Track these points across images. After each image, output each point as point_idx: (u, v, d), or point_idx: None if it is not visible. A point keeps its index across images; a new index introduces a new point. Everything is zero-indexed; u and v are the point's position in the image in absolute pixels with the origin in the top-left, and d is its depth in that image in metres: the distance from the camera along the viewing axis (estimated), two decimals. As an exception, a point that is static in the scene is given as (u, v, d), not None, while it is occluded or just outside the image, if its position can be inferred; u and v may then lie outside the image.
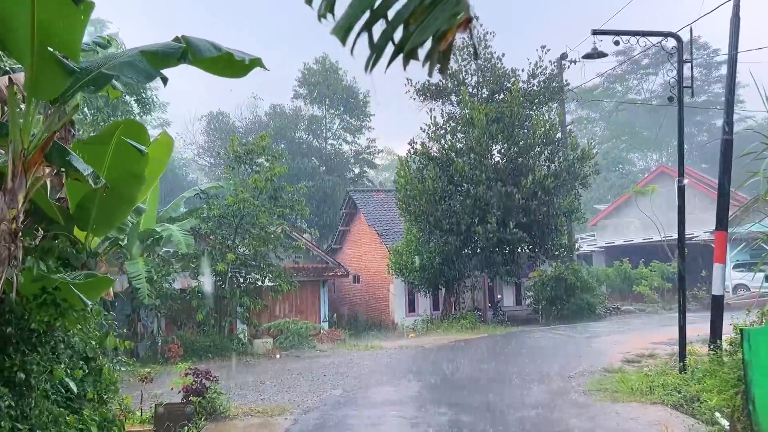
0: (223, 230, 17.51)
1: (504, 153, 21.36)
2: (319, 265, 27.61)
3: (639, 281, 29.58)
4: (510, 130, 21.29)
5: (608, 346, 15.49)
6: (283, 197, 17.36)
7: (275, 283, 17.46)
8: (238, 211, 16.55)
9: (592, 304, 24.39)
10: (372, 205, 31.43)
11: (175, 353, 15.40)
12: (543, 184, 20.70)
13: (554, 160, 22.15)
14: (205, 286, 16.71)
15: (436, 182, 21.66)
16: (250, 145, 17.08)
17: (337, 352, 16.54)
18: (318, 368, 13.05)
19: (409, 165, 23.23)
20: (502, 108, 21.68)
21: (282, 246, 17.64)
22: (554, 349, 15.38)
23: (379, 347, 16.75)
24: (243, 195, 16.22)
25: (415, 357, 14.57)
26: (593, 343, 16.32)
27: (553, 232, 21.73)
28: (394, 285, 27.16)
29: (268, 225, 17.14)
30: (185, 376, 7.78)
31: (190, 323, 17.72)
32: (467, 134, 22.03)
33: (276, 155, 17.35)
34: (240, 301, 16.64)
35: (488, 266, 22.68)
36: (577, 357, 13.85)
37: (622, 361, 12.99)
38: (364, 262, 31.13)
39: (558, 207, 21.26)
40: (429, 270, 23.52)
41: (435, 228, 22.23)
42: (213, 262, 16.68)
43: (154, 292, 15.03)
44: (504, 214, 20.99)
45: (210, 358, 15.79)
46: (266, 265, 17.75)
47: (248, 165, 17.20)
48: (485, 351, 15.27)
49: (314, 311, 27.54)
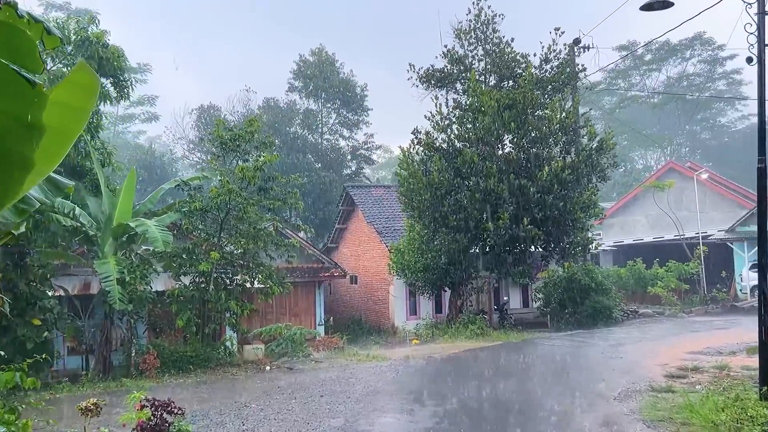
0: (207, 226, 15.67)
1: (517, 142, 19.54)
2: (314, 265, 26.00)
3: (654, 282, 27.87)
4: (523, 117, 19.49)
5: (640, 357, 13.73)
6: (274, 189, 15.50)
7: (265, 285, 15.61)
8: (224, 204, 14.70)
9: (608, 307, 22.63)
10: (371, 202, 29.63)
11: (151, 365, 13.55)
12: (560, 176, 18.92)
13: (570, 151, 20.36)
14: (186, 289, 14.86)
15: (442, 175, 19.86)
16: (237, 131, 15.22)
17: (335, 362, 14.70)
18: (313, 385, 11.20)
19: (412, 156, 21.41)
20: (513, 94, 19.89)
21: (273, 244, 15.78)
22: (581, 360, 13.61)
23: (381, 357, 14.91)
24: (229, 186, 14.37)
25: (426, 371, 12.74)
26: (621, 352, 14.55)
27: (570, 229, 19.93)
28: (394, 286, 25.39)
29: (258, 220, 15.29)
30: (140, 409, 5.95)
31: (171, 331, 15.87)
32: (476, 122, 20.23)
33: (267, 142, 15.48)
34: (226, 305, 14.79)
35: (498, 266, 20.88)
36: (611, 371, 12.08)
37: (665, 376, 11.22)
38: (363, 262, 29.33)
39: (575, 202, 19.47)
40: (434, 270, 21.73)
41: (441, 225, 20.42)
42: (195, 262, 14.83)
43: (126, 295, 13.17)
44: (517, 209, 19.19)
45: (191, 371, 13.95)
46: (256, 264, 15.91)
47: (235, 153, 15.33)
48: (505, 363, 13.46)
49: (309, 314, 25.95)
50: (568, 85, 21.32)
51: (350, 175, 46.37)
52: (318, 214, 41.46)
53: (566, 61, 21.97)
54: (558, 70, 21.79)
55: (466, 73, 22.93)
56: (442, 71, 23.31)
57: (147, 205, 16.11)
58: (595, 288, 22.93)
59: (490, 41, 23.06)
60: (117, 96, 17.91)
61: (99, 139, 16.98)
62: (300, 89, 46.42)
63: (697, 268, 26.26)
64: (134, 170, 15.77)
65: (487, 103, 19.29)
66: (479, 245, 20.94)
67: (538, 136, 19.64)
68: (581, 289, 22.44)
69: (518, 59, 22.71)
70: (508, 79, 22.75)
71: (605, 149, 19.96)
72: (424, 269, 21.82)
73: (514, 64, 22.62)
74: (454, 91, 24.00)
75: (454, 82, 23.68)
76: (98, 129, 17.21)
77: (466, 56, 23.21)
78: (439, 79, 23.39)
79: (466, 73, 22.96)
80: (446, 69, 23.35)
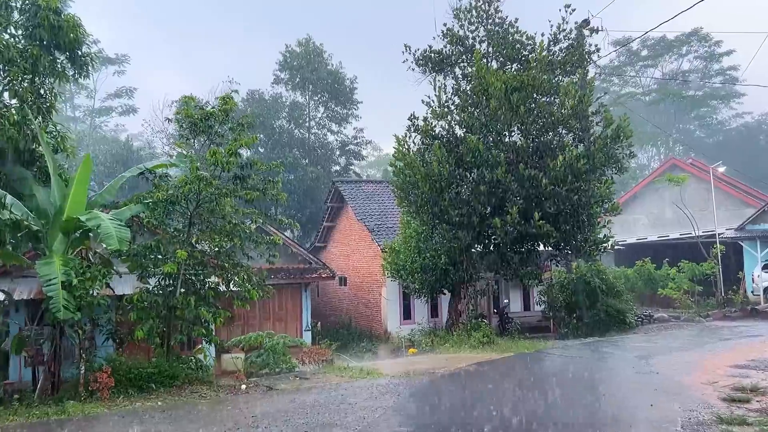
0: (175, 220, 13.49)
1: (527, 129, 17.48)
2: (300, 266, 24.04)
3: (664, 283, 26.03)
4: (533, 101, 17.48)
5: (679, 373, 11.76)
6: (253, 178, 13.35)
7: (243, 288, 13.45)
8: (193, 194, 12.53)
9: (621, 311, 20.71)
10: (361, 198, 27.54)
11: (104, 385, 11.35)
12: (574, 166, 16.93)
13: (584, 139, 18.38)
14: (148, 294, 12.66)
15: (442, 165, 17.78)
16: (209, 110, 13.05)
17: (323, 380, 12.55)
18: (295, 414, 9.04)
19: (408, 145, 19.34)
20: (522, 76, 17.87)
21: (252, 241, 13.61)
22: (613, 377, 11.61)
23: (377, 373, 12.77)
24: (197, 173, 12.20)
25: (433, 394, 10.62)
26: (653, 365, 12.56)
27: (584, 225, 17.93)
28: (387, 288, 23.34)
29: (233, 213, 13.13)
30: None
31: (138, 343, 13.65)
32: (480, 107, 18.20)
33: (244, 123, 13.31)
34: (195, 312, 12.61)
35: (504, 266, 18.87)
36: (653, 391, 10.09)
37: (723, 399, 9.25)
38: (352, 262, 27.24)
39: (591, 195, 17.50)
40: (432, 271, 19.66)
41: (440, 220, 18.36)
42: (159, 262, 12.66)
43: (73, 301, 10.98)
44: (527, 203, 17.19)
45: (152, 390, 11.77)
46: (231, 265, 13.75)
47: (207, 136, 13.16)
48: (526, 383, 11.40)
49: (295, 318, 23.98)
50: (581, 68, 19.31)
51: (339, 171, 44.28)
52: (305, 212, 39.32)
53: (578, 42, 19.97)
54: (569, 51, 19.80)
55: (467, 55, 20.90)
56: (440, 53, 21.23)
57: (104, 197, 13.89)
58: (607, 290, 21.03)
59: (492, 21, 21.05)
60: (75, 74, 15.60)
61: (52, 122, 14.77)
62: (286, 81, 44.26)
63: (714, 268, 24.37)
64: (89, 157, 13.55)
65: (493, 84, 17.26)
66: (483, 243, 18.91)
67: (549, 122, 17.63)
68: (591, 291, 20.52)
69: (524, 41, 20.71)
70: (514, 63, 20.75)
71: (622, 137, 17.99)
72: (421, 270, 19.77)
73: (520, 46, 20.61)
74: (453, 76, 21.96)
75: (454, 66, 21.63)
76: (51, 110, 14.97)
77: (466, 37, 21.17)
78: (437, 62, 21.31)
79: (467, 55, 20.94)
80: (445, 51, 21.28)
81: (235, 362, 17.89)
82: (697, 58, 65.54)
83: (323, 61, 43.38)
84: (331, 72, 43.24)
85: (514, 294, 25.85)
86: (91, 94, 49.17)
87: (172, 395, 11.43)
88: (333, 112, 44.48)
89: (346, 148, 45.79)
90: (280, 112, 42.62)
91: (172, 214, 13.31)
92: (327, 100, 43.95)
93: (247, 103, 41.39)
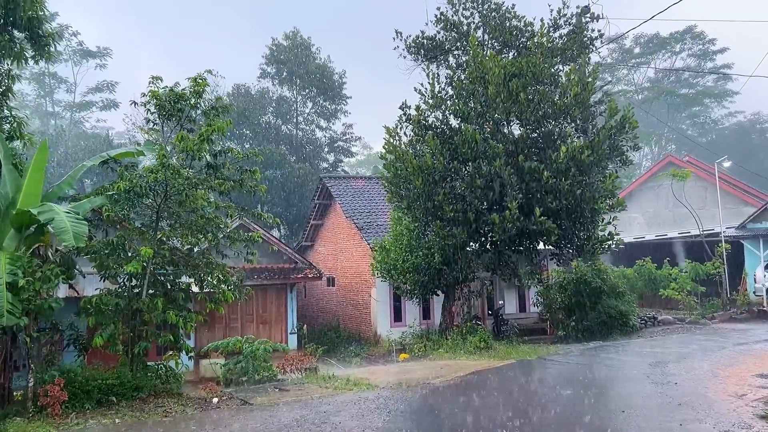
0: (141, 214, 12.16)
1: (527, 118, 16.27)
2: (285, 265, 22.78)
3: (666, 284, 24.92)
4: (534, 87, 16.29)
5: (701, 384, 10.60)
6: (228, 167, 12.04)
7: (216, 289, 12.12)
8: (160, 185, 11.21)
9: (623, 313, 19.54)
10: (350, 194, 26.25)
11: (55, 399, 10.01)
12: (577, 158, 15.76)
13: (587, 130, 17.22)
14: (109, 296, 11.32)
15: (436, 157, 16.57)
16: (179, 91, 11.72)
17: (306, 391, 11.27)
18: (272, 435, 7.80)
19: (399, 136, 18.09)
20: (520, 63, 16.68)
21: (227, 237, 12.29)
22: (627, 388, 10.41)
23: (364, 383, 11.49)
24: (163, 159, 10.87)
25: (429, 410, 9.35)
26: (670, 374, 11.40)
27: (588, 221, 16.76)
28: (377, 289, 22.09)
29: (205, 206, 11.80)
30: None
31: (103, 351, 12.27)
32: (476, 95, 16.99)
33: (218, 107, 12.00)
34: (163, 316, 11.30)
35: (502, 266, 17.68)
36: (677, 406, 8.91)
37: (760, 417, 8.09)
38: (341, 262, 25.96)
39: (595, 189, 16.33)
40: (424, 271, 18.43)
41: (434, 217, 17.13)
42: (121, 261, 11.32)
43: (18, 304, 9.63)
44: (527, 197, 16.00)
45: (112, 404, 10.44)
46: (205, 264, 12.43)
47: (177, 120, 11.83)
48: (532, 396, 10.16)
49: (280, 321, 22.77)
50: (582, 55, 18.16)
51: (328, 168, 42.94)
52: (292, 211, 37.96)
53: (579, 29, 18.83)
54: (570, 37, 18.66)
55: (462, 41, 19.72)
56: (433, 39, 20.06)
57: (63, 188, 12.53)
58: (608, 291, 19.86)
59: (489, 6, 19.89)
60: (36, 55, 14.18)
61: (8, 106, 13.38)
62: (273, 76, 42.87)
63: (719, 268, 23.28)
64: (45, 143, 12.20)
65: (491, 70, 16.06)
66: (480, 241, 17.71)
67: (550, 111, 16.44)
68: (592, 292, 19.35)
69: (521, 27, 19.56)
70: (511, 50, 19.60)
71: (628, 128, 16.85)
72: (413, 270, 18.53)
73: (518, 33, 19.47)
74: (447, 65, 20.77)
75: (448, 54, 20.46)
76: (8, 93, 13.58)
77: (461, 23, 20.00)
78: (430, 49, 20.15)
79: (462, 42, 19.76)
80: (438, 37, 20.10)
81: (214, 368, 16.63)
82: (690, 56, 64.83)
83: (311, 55, 42.05)
84: (319, 66, 41.90)
85: (509, 295, 24.67)
86: (71, 88, 47.54)
87: (133, 410, 10.11)
88: (321, 107, 43.16)
89: (335, 144, 44.48)
90: (266, 107, 41.23)
91: (139, 207, 11.96)
92: (315, 94, 42.62)
93: (233, 98, 39.97)
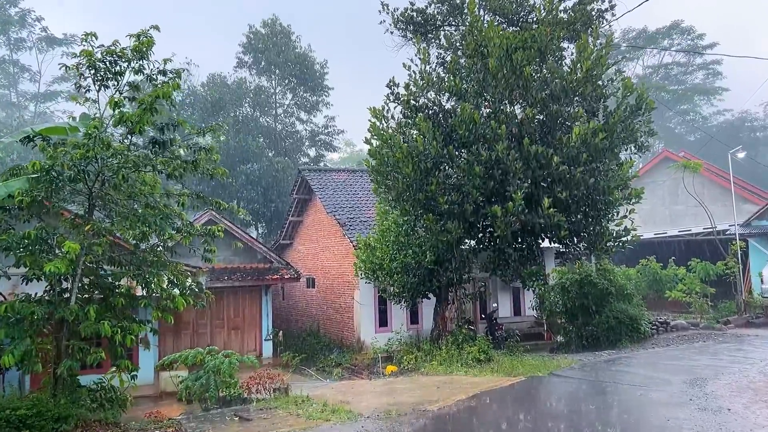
0: (69, 200, 9.88)
1: (532, 96, 14.19)
2: (260, 265, 20.77)
3: (672, 285, 23.09)
4: (539, 60, 14.24)
5: (756, 408, 8.60)
6: (179, 143, 9.79)
7: (164, 294, 9.86)
8: (91, 163, 8.95)
9: (633, 318, 17.60)
10: (332, 188, 24.06)
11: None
12: (590, 142, 13.73)
13: (598, 111, 15.21)
14: (24, 303, 9.01)
15: (429, 141, 14.44)
16: (116, 49, 9.43)
17: (272, 421, 9.04)
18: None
19: (386, 118, 15.92)
20: (525, 35, 14.61)
21: (176, 230, 10.06)
22: (672, 418, 8.33)
23: (344, 411, 9.27)
24: (92, 130, 8.61)
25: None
26: (714, 395, 9.40)
27: (601, 214, 14.75)
28: (360, 291, 19.94)
29: (149, 192, 9.55)
30: None
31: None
32: (474, 71, 14.90)
33: (166, 70, 9.72)
34: (94, 328, 9.05)
35: (502, 265, 15.60)
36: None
37: None
38: (321, 261, 23.75)
39: (609, 177, 14.31)
40: (414, 271, 16.31)
41: (425, 210, 14.97)
42: (40, 259, 9.02)
43: None
44: (533, 187, 13.93)
45: (24, 442, 8.16)
46: (152, 262, 10.17)
47: (115, 84, 9.56)
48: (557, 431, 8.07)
49: (254, 326, 20.74)
50: (591, 27, 16.14)
51: (308, 163, 40.65)
52: (270, 207, 35.63)
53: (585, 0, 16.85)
54: (576, 10, 16.65)
55: (456, 14, 17.64)
56: (423, 12, 17.94)
57: (-27, 170, 10.20)
58: (615, 293, 17.91)
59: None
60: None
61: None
62: (250, 65, 40.50)
63: (732, 267, 21.43)
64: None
65: (492, 40, 13.96)
66: (477, 237, 15.62)
67: (558, 89, 14.38)
68: (599, 294, 17.38)
69: (522, 1, 17.55)
70: (512, 26, 17.56)
71: (644, 109, 14.88)
72: (401, 270, 16.39)
73: (517, 7, 17.44)
74: (438, 44, 18.67)
75: (439, 29, 18.36)
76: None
77: (454, -5, 17.93)
78: (421, 24, 18.03)
79: (456, 16, 17.68)
80: (429, 10, 17.99)
81: (175, 382, 14.57)
82: (678, 51, 63.63)
83: (290, 44, 39.74)
84: (299, 55, 39.61)
85: (503, 297, 22.67)
86: (35, 77, 44.70)
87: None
88: (302, 98, 40.88)
89: (317, 138, 42.22)
90: (243, 98, 38.84)
91: (67, 193, 9.67)
92: (295, 85, 40.32)
93: (208, 88, 37.58)
